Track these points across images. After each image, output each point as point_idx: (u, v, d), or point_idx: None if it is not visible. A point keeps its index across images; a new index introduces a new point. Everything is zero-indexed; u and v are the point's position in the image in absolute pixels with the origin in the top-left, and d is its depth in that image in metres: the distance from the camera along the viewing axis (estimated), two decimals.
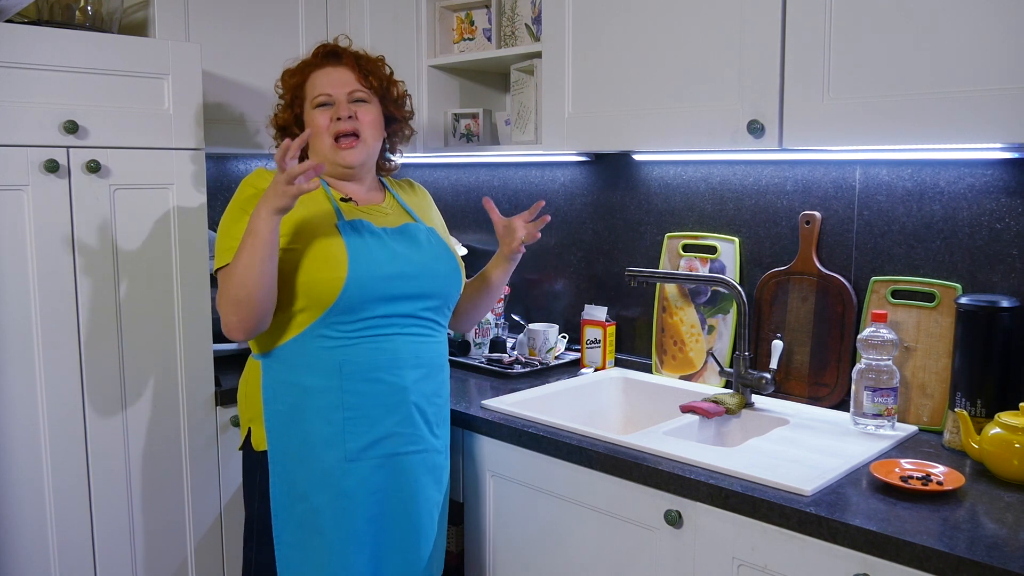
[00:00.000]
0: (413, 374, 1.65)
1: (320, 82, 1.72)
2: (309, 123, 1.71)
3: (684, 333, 2.18)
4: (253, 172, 1.70)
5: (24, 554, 1.86)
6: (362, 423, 1.61)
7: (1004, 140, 1.39)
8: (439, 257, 1.73)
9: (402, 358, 1.64)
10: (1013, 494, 1.42)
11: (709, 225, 2.15)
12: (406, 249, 1.67)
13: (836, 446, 1.64)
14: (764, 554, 1.41)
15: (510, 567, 1.86)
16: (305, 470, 1.60)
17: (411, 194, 1.89)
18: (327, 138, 1.69)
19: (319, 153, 1.71)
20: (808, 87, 1.60)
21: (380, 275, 1.60)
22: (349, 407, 1.60)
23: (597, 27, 1.94)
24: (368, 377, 1.61)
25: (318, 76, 1.73)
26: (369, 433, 1.61)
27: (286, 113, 1.78)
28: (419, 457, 1.68)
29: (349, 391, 1.60)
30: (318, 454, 1.60)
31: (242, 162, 2.73)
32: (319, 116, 1.70)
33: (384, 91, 1.78)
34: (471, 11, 2.46)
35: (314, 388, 1.60)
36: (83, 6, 2.04)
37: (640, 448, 1.63)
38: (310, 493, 1.60)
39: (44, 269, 1.85)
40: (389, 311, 1.63)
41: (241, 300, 1.51)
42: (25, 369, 1.84)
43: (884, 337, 1.72)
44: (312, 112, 1.71)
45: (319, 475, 1.60)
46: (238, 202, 1.65)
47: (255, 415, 1.68)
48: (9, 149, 1.79)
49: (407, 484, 1.66)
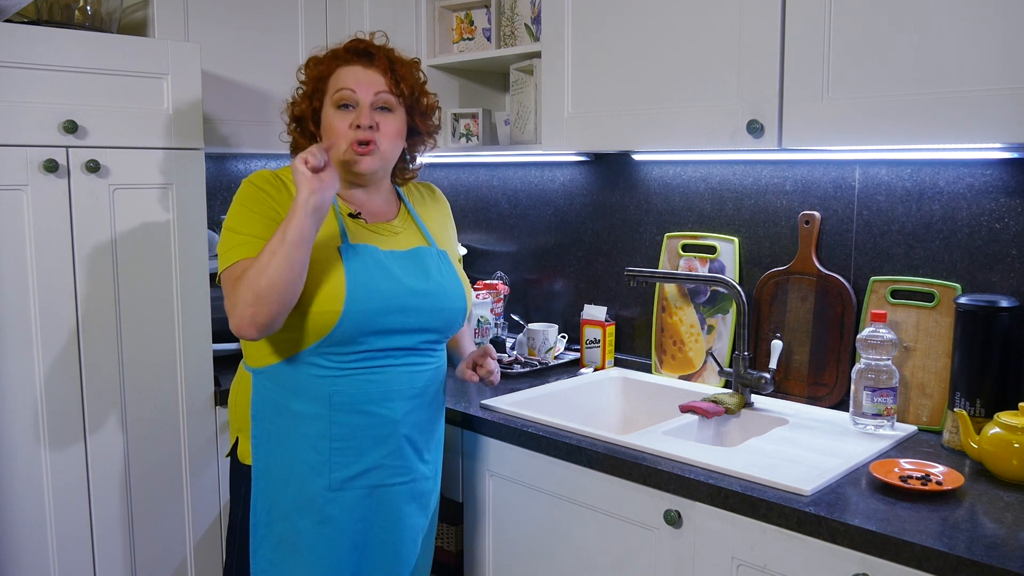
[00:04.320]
0: (405, 406, 1.59)
1: (346, 79, 1.58)
2: (326, 122, 1.60)
3: (683, 333, 2.18)
4: (253, 173, 1.62)
5: (24, 554, 1.86)
6: (348, 454, 1.55)
7: (1003, 140, 1.40)
8: (447, 290, 1.62)
9: (395, 390, 1.57)
10: (1012, 494, 1.42)
11: (708, 225, 2.16)
12: (412, 279, 1.58)
13: (835, 446, 1.64)
14: (763, 554, 1.41)
15: (509, 567, 1.86)
16: (289, 492, 1.55)
17: (429, 206, 1.78)
18: (343, 142, 1.57)
19: (336, 152, 1.59)
20: (807, 87, 1.60)
21: (378, 309, 1.52)
22: (336, 438, 1.54)
23: (597, 27, 1.94)
24: (358, 409, 1.54)
25: (346, 72, 1.59)
26: (355, 464, 1.56)
27: (304, 103, 1.64)
28: (406, 488, 1.62)
29: (337, 422, 1.54)
30: (303, 479, 1.55)
31: (242, 162, 2.73)
32: (338, 119, 1.58)
33: (413, 101, 1.65)
34: (470, 11, 2.46)
35: (302, 414, 1.54)
36: (82, 6, 2.04)
37: (639, 448, 1.63)
38: (292, 515, 1.55)
39: (44, 269, 1.85)
40: (385, 344, 1.55)
41: (262, 292, 1.40)
42: (25, 369, 1.84)
43: (883, 337, 1.72)
44: (332, 112, 1.59)
45: (303, 500, 1.55)
46: (241, 200, 1.56)
47: (243, 426, 1.63)
48: (8, 149, 1.79)
49: (391, 513, 1.61)
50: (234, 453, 1.67)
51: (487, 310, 2.47)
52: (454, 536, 2.07)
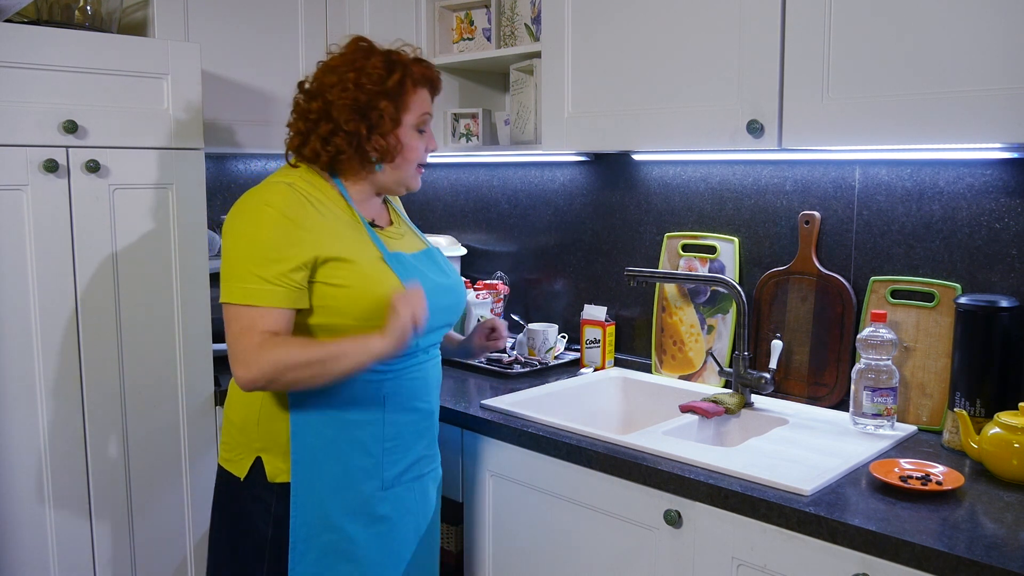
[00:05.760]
0: (437, 396, 1.68)
1: (426, 103, 1.60)
2: (407, 142, 1.58)
3: (683, 333, 2.18)
4: (268, 188, 1.51)
5: (24, 554, 1.86)
6: (398, 452, 1.59)
7: (1003, 140, 1.40)
8: (460, 284, 1.72)
9: (431, 384, 1.65)
10: (1012, 494, 1.42)
11: (708, 225, 2.16)
12: (438, 277, 1.64)
13: (835, 446, 1.64)
14: (763, 554, 1.41)
15: (509, 567, 1.86)
16: (336, 501, 1.54)
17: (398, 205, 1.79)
18: (413, 164, 1.60)
19: (397, 171, 1.59)
20: (807, 87, 1.60)
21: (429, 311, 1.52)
22: (388, 438, 1.57)
23: (596, 27, 1.94)
24: (407, 407, 1.59)
25: (424, 96, 1.60)
26: (403, 460, 1.60)
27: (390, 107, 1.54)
28: (435, 473, 1.70)
29: (389, 423, 1.57)
30: (354, 485, 1.55)
31: (241, 162, 2.73)
32: (417, 140, 1.59)
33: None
34: (470, 11, 2.46)
35: (356, 422, 1.54)
36: (82, 6, 2.04)
37: (639, 448, 1.63)
38: (342, 523, 1.54)
39: (44, 269, 1.85)
40: (425, 343, 1.60)
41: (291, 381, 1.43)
42: (25, 369, 1.84)
43: (883, 337, 1.72)
44: (413, 133, 1.58)
45: (354, 505, 1.55)
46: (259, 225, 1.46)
47: (268, 445, 1.55)
48: (8, 149, 1.79)
49: (427, 500, 1.68)
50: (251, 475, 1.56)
51: (487, 310, 2.47)
52: (454, 536, 2.07)
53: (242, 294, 1.44)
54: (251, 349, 1.42)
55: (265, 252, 1.44)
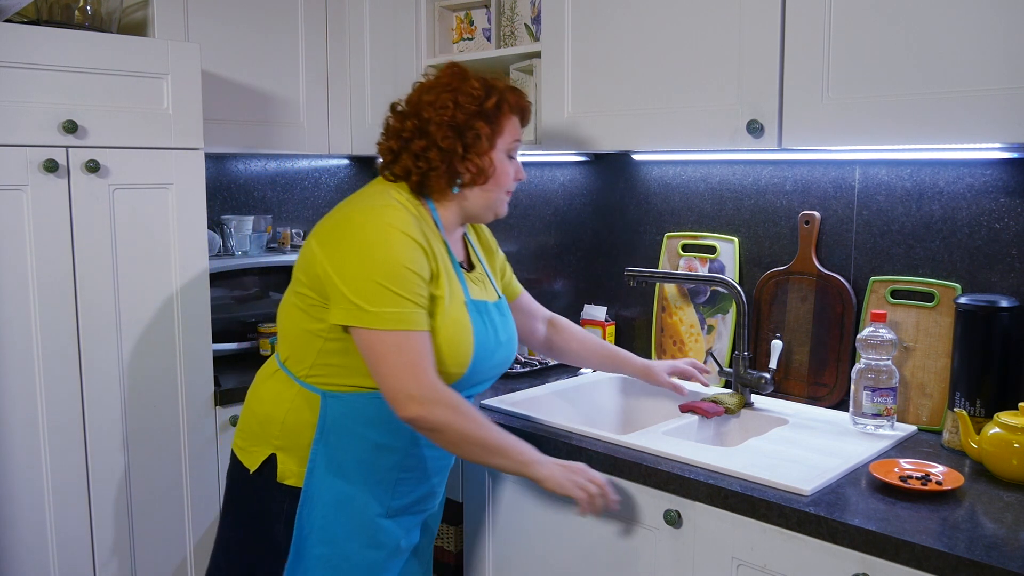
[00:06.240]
0: None
1: (517, 131, 1.62)
2: (500, 167, 1.58)
3: (683, 333, 2.18)
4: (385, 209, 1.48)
5: (24, 553, 1.86)
6: (410, 484, 1.59)
7: (1003, 140, 1.40)
8: (515, 340, 1.69)
9: None
10: (1012, 494, 1.42)
11: (708, 225, 2.16)
12: (503, 333, 1.63)
13: (835, 446, 1.64)
14: (763, 554, 1.41)
15: (509, 567, 1.86)
16: (341, 517, 1.54)
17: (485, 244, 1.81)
18: (503, 188, 1.62)
19: (487, 194, 1.60)
20: (807, 87, 1.60)
21: (486, 367, 1.58)
22: (406, 468, 1.57)
23: (596, 27, 1.94)
24: (432, 445, 1.53)
25: (515, 123, 1.61)
26: (413, 493, 1.60)
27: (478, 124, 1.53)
28: (439, 509, 1.73)
29: (412, 455, 1.57)
30: (361, 506, 1.54)
31: (241, 162, 2.73)
32: (510, 166, 1.61)
33: None
34: (470, 11, 2.46)
35: (380, 444, 1.53)
36: (82, 6, 2.04)
37: (639, 448, 1.63)
38: (341, 539, 1.54)
39: (43, 269, 1.85)
40: (472, 391, 1.63)
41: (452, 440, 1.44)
42: (25, 369, 1.84)
43: (883, 337, 1.72)
44: (503, 156, 1.59)
45: (354, 525, 1.54)
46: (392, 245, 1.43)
47: (287, 444, 1.54)
48: (8, 149, 1.79)
49: (427, 533, 1.72)
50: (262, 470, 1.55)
51: None
52: (454, 536, 2.07)
53: (393, 319, 1.40)
54: (428, 386, 1.42)
55: (403, 273, 1.42)
